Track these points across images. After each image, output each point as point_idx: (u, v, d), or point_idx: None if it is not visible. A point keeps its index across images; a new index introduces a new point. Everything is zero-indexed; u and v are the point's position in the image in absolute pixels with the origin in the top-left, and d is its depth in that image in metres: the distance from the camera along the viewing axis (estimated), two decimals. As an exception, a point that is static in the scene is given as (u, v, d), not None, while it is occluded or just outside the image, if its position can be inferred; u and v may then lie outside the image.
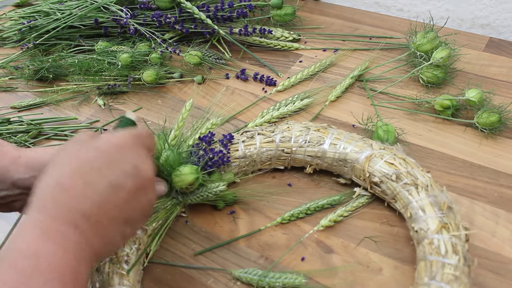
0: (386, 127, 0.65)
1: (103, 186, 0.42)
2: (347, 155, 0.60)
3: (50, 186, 0.41)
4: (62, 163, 0.43)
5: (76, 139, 0.46)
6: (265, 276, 0.52)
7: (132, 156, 0.45)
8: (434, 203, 0.53)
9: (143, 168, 0.45)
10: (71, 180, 0.41)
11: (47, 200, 0.41)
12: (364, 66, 0.79)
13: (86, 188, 0.41)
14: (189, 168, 0.57)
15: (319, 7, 0.99)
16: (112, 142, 0.45)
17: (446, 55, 0.72)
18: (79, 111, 0.79)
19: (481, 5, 0.88)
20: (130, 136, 0.47)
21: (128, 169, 0.44)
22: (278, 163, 0.65)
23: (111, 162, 0.44)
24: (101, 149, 0.44)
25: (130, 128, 0.50)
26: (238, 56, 0.87)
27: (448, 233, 0.50)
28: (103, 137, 0.46)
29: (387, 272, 0.54)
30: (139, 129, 0.49)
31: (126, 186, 0.43)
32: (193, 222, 0.61)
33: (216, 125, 0.66)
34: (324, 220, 0.58)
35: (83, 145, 0.45)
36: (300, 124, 0.64)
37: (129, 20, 0.84)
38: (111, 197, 0.42)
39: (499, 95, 0.73)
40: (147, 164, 0.46)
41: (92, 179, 0.42)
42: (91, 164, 0.43)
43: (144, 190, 0.45)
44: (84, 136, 0.47)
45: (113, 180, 0.43)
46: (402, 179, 0.56)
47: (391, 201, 0.58)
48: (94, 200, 0.41)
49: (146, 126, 0.52)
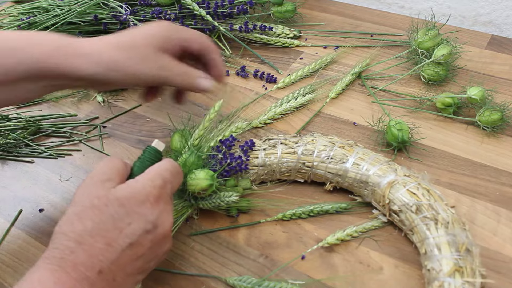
0: (399, 125, 0.64)
1: (123, 247, 0.43)
2: (368, 178, 0.57)
3: (70, 239, 0.42)
4: (83, 214, 0.44)
5: (97, 179, 0.46)
6: (260, 285, 0.51)
7: (153, 212, 0.45)
8: (452, 242, 0.50)
9: (162, 224, 0.46)
10: (93, 238, 0.42)
11: (66, 253, 0.41)
12: (365, 63, 0.79)
13: (106, 248, 0.42)
14: (204, 173, 0.56)
15: (320, 4, 0.99)
16: (135, 195, 0.45)
17: (447, 53, 0.72)
18: (78, 108, 0.78)
19: (483, 2, 0.88)
20: (153, 188, 0.46)
21: (148, 227, 0.45)
22: (298, 175, 0.62)
23: (133, 221, 0.44)
24: (123, 203, 0.44)
25: (154, 168, 0.49)
26: (239, 53, 0.87)
27: (461, 278, 0.47)
28: (126, 188, 0.46)
29: (387, 271, 0.53)
30: (165, 175, 0.48)
31: (144, 243, 0.45)
32: (192, 221, 0.61)
33: (241, 129, 0.64)
34: (331, 237, 0.56)
35: (106, 194, 0.45)
36: (326, 138, 0.62)
37: (129, 16, 0.84)
38: (129, 255, 0.44)
39: (501, 93, 0.73)
40: (166, 219, 0.47)
41: (112, 239, 0.43)
42: (113, 222, 0.43)
43: (161, 244, 0.47)
44: (106, 175, 0.46)
45: (133, 241, 0.44)
46: (423, 211, 0.53)
47: (408, 233, 0.55)
48: (113, 260, 0.42)
49: (174, 161, 0.51)
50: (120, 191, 0.45)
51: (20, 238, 0.59)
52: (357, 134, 0.69)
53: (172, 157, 0.58)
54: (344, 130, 0.70)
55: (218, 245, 0.58)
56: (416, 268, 0.53)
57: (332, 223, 0.59)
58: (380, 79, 0.78)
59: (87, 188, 0.45)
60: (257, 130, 0.71)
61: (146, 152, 0.51)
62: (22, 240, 0.59)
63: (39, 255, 0.56)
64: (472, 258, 0.49)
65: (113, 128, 0.74)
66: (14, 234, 0.60)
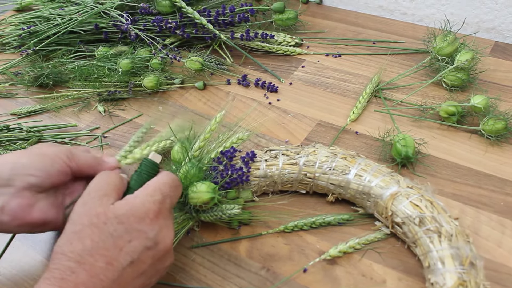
0: (404, 141, 0.63)
1: (123, 265, 0.43)
2: (371, 189, 0.57)
3: (70, 259, 0.42)
4: (82, 233, 0.43)
5: (95, 195, 0.45)
6: None
7: (153, 228, 0.45)
8: (456, 256, 0.49)
9: (163, 240, 0.46)
10: (93, 258, 0.42)
11: (67, 274, 0.41)
12: (377, 77, 0.77)
13: (107, 267, 0.42)
14: (206, 186, 0.55)
15: (321, 11, 0.98)
16: (134, 212, 0.45)
17: (470, 57, 0.71)
18: (79, 118, 0.78)
19: (486, 8, 0.87)
20: (153, 204, 0.46)
21: (149, 244, 0.44)
22: (300, 186, 0.62)
23: (133, 238, 0.44)
24: (122, 221, 0.44)
25: (152, 182, 0.48)
26: (240, 62, 0.86)
27: None
28: (125, 205, 0.45)
29: (390, 284, 0.53)
30: (164, 189, 0.48)
31: (146, 260, 0.44)
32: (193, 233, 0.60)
33: (242, 140, 0.64)
34: (334, 249, 0.55)
35: (105, 211, 0.44)
36: (328, 149, 0.61)
37: (130, 25, 0.84)
38: (130, 273, 0.43)
39: (505, 101, 0.72)
40: (167, 234, 0.46)
41: (113, 258, 0.42)
42: (113, 240, 0.43)
43: (162, 259, 0.46)
44: (103, 190, 0.46)
45: (134, 258, 0.43)
46: (426, 224, 0.52)
47: (411, 245, 0.54)
48: (114, 279, 0.42)
49: (172, 173, 0.51)
50: (118, 208, 0.45)
51: (20, 251, 0.59)
52: (359, 143, 0.68)
53: (173, 168, 0.58)
54: (345, 140, 0.69)
55: (219, 258, 0.57)
56: (420, 281, 0.52)
57: (334, 235, 0.58)
58: (393, 89, 0.77)
59: (85, 205, 0.45)
60: (259, 140, 0.70)
61: (143, 165, 0.51)
62: (22, 253, 0.59)
63: (40, 268, 0.57)
64: (476, 271, 0.48)
65: (114, 138, 0.74)
66: (14, 246, 0.60)
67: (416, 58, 0.83)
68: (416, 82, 0.77)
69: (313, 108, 0.75)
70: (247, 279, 0.54)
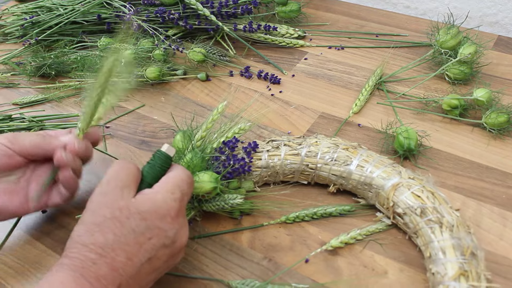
0: (406, 133, 0.63)
1: (142, 262, 0.43)
2: (373, 180, 0.57)
3: (91, 251, 0.42)
4: (104, 225, 0.43)
5: (115, 185, 0.45)
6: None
7: (173, 227, 0.46)
8: (457, 246, 0.49)
9: (180, 239, 0.46)
10: (114, 252, 0.42)
11: (88, 264, 0.42)
12: (380, 70, 0.77)
13: (127, 262, 0.42)
14: (208, 176, 0.55)
15: (324, 4, 0.98)
16: (156, 209, 0.45)
17: (474, 51, 0.71)
18: (81, 108, 0.78)
19: (490, 2, 0.87)
20: (174, 201, 0.46)
21: (167, 243, 0.45)
22: (302, 177, 0.62)
23: (153, 236, 0.44)
24: (145, 217, 0.44)
25: (171, 178, 0.48)
26: (243, 53, 0.86)
27: (466, 282, 0.46)
28: (147, 201, 0.45)
29: (392, 275, 0.53)
30: (183, 187, 0.48)
31: (161, 258, 0.45)
32: (195, 223, 0.60)
33: (244, 130, 0.64)
34: (335, 240, 0.55)
35: (127, 205, 0.44)
36: (330, 140, 0.61)
37: (132, 16, 0.83)
38: (146, 269, 0.44)
39: (508, 95, 0.72)
40: (184, 233, 0.47)
41: (133, 253, 0.43)
42: (134, 236, 0.43)
43: (175, 256, 0.47)
44: (123, 181, 0.46)
45: (152, 256, 0.44)
46: (427, 214, 0.52)
47: (412, 236, 0.54)
48: (132, 274, 0.43)
49: (185, 168, 0.51)
50: (141, 203, 0.45)
51: (22, 239, 0.59)
52: (361, 136, 0.68)
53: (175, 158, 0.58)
54: (348, 132, 0.69)
55: (221, 248, 0.57)
56: (421, 272, 0.53)
57: (336, 225, 0.58)
58: (396, 82, 0.77)
59: (105, 196, 0.45)
60: (261, 131, 0.70)
61: (156, 157, 0.50)
62: (24, 242, 0.59)
63: (41, 256, 0.57)
64: (477, 262, 0.49)
65: (116, 129, 0.74)
66: (16, 235, 0.60)
67: (419, 51, 0.83)
68: (419, 75, 0.77)
69: (316, 100, 0.75)
70: (249, 269, 0.54)
